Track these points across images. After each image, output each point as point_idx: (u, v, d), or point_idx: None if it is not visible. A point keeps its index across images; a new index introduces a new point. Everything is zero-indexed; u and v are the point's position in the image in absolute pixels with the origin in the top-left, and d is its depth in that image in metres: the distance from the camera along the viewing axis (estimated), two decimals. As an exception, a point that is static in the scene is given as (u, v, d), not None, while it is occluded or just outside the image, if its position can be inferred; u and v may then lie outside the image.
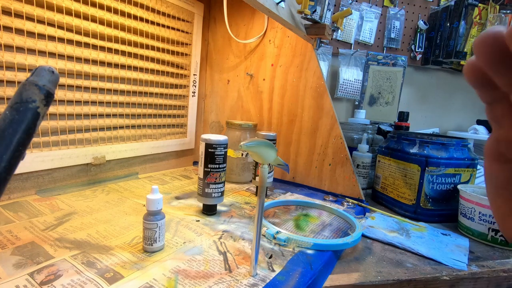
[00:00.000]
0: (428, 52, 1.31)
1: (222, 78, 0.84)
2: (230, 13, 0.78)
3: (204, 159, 0.47)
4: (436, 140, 0.60)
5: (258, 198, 0.32)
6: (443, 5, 1.26)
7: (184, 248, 0.37)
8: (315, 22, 0.60)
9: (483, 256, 0.45)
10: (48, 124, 0.52)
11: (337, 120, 0.66)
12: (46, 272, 0.30)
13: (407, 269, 0.38)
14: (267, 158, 0.32)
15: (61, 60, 0.52)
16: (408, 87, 1.37)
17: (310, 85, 0.69)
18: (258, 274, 0.33)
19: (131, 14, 0.61)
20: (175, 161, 0.81)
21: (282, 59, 0.73)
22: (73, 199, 0.52)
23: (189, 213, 0.50)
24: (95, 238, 0.38)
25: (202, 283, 0.31)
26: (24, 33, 0.47)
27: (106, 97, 0.60)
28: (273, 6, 0.48)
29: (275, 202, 0.57)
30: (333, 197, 0.64)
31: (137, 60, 0.65)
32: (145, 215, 0.36)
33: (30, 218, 0.43)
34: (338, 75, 1.23)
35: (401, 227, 0.52)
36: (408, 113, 1.04)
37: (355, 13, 1.19)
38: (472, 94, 1.51)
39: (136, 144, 0.68)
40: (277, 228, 0.43)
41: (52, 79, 0.28)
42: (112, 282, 0.29)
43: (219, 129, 0.87)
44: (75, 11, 0.52)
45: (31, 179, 0.51)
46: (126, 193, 0.57)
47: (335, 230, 0.48)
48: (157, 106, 0.72)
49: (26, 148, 0.26)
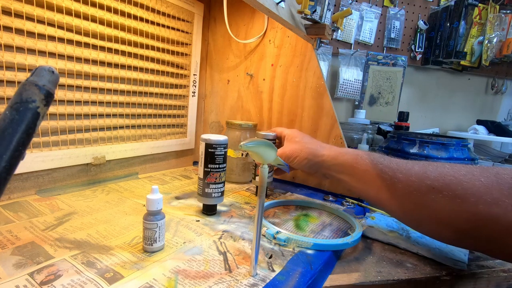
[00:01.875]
0: (428, 52, 1.31)
1: (222, 78, 0.84)
2: (230, 13, 0.78)
3: (204, 159, 0.47)
4: (436, 140, 0.60)
5: (258, 198, 0.32)
6: (443, 5, 1.26)
7: (184, 248, 0.37)
8: (315, 22, 0.60)
9: (483, 256, 0.45)
10: (48, 124, 0.52)
11: (337, 120, 0.66)
12: (46, 272, 0.30)
13: (407, 269, 0.38)
14: (267, 158, 0.32)
15: (61, 60, 0.52)
16: (408, 87, 1.37)
17: (310, 85, 0.69)
18: (258, 274, 0.33)
19: (131, 14, 0.61)
20: (175, 161, 0.81)
21: (282, 59, 0.73)
22: (73, 199, 0.52)
23: (189, 213, 0.50)
24: (95, 238, 0.38)
25: (202, 283, 0.31)
26: (24, 33, 0.47)
27: (106, 97, 0.60)
28: (273, 6, 0.48)
29: (275, 202, 0.57)
30: (333, 197, 0.64)
31: (137, 60, 0.65)
32: (145, 215, 0.36)
33: (30, 218, 0.43)
34: (338, 75, 1.23)
35: (401, 227, 0.52)
36: (408, 113, 1.04)
37: (355, 13, 1.19)
38: (472, 94, 1.52)
39: (136, 144, 0.68)
40: (277, 228, 0.43)
41: (52, 79, 0.28)
42: (112, 282, 0.29)
43: (219, 129, 0.87)
44: (75, 11, 0.52)
45: (31, 179, 0.51)
46: (126, 193, 0.57)
47: (335, 230, 0.48)
48: (157, 106, 0.72)
49: (26, 148, 0.26)
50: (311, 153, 0.49)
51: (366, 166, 0.42)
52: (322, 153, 0.48)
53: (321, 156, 0.48)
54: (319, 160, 0.48)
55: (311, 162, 0.49)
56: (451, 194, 0.32)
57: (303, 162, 0.49)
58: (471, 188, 0.31)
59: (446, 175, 0.34)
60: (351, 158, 0.44)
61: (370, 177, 0.41)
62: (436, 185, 0.34)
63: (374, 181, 0.40)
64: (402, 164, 0.39)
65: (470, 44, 1.34)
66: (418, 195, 0.35)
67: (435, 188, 0.34)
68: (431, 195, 0.34)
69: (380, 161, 0.41)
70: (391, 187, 0.38)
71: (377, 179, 0.40)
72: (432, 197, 0.34)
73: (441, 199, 0.33)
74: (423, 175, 0.36)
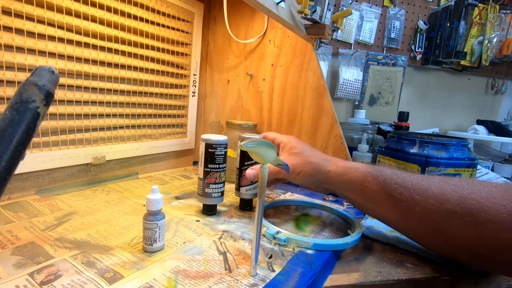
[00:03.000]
0: (428, 52, 1.31)
1: (222, 78, 0.84)
2: (230, 13, 0.78)
3: (204, 159, 0.47)
4: (436, 140, 0.60)
5: (258, 198, 0.32)
6: (443, 5, 1.26)
7: (184, 248, 0.37)
8: (315, 22, 0.60)
9: (483, 256, 0.45)
10: (48, 124, 0.52)
11: (337, 120, 0.66)
12: (46, 272, 0.30)
13: (407, 269, 0.38)
14: (267, 158, 0.32)
15: (61, 60, 0.52)
16: (408, 87, 1.37)
17: (310, 85, 0.69)
18: (258, 274, 0.33)
19: (131, 14, 0.61)
20: (175, 161, 0.81)
21: (282, 59, 0.73)
22: (73, 199, 0.52)
23: (189, 213, 0.50)
24: (95, 238, 0.38)
25: (202, 283, 0.31)
26: (24, 33, 0.47)
27: (106, 97, 0.60)
28: (273, 6, 0.48)
29: (275, 202, 0.57)
30: (333, 197, 0.64)
31: (137, 60, 0.65)
32: (145, 215, 0.36)
33: (30, 218, 0.43)
34: (338, 75, 1.23)
35: (401, 227, 0.52)
36: (408, 113, 1.04)
37: (355, 13, 1.19)
38: (472, 94, 1.52)
39: (136, 144, 0.68)
40: (277, 228, 0.43)
41: (52, 79, 0.28)
42: (112, 282, 0.29)
43: (219, 129, 0.87)
44: (75, 11, 0.52)
45: (31, 179, 0.51)
46: (126, 193, 0.57)
47: (335, 230, 0.48)
48: (157, 106, 0.72)
49: (26, 148, 0.26)
50: (315, 169, 0.44)
51: (378, 186, 0.39)
52: (327, 169, 0.44)
53: (326, 173, 0.44)
54: (324, 177, 0.45)
55: (315, 179, 0.45)
56: (473, 221, 0.31)
57: (307, 179, 0.45)
58: (494, 215, 0.30)
59: (467, 198, 0.32)
60: (360, 176, 0.41)
61: (381, 197, 0.38)
62: (458, 210, 0.32)
63: (385, 202, 0.38)
64: (417, 183, 0.36)
65: (470, 44, 1.34)
66: (437, 219, 0.34)
67: (456, 214, 0.32)
68: (451, 220, 0.32)
69: (394, 180, 0.38)
70: (406, 210, 0.36)
71: (389, 200, 0.38)
72: (451, 222, 0.32)
73: (461, 225, 0.32)
74: (441, 197, 0.34)
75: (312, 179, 0.45)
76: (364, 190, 0.40)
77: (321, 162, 0.45)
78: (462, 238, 0.33)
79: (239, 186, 0.52)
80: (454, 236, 0.33)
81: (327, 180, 0.45)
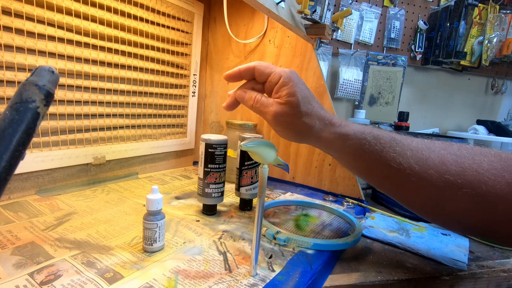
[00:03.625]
0: (428, 52, 1.31)
1: (222, 78, 0.84)
2: (230, 13, 0.78)
3: (204, 159, 0.47)
4: (436, 140, 0.60)
5: (258, 198, 0.32)
6: (443, 5, 1.26)
7: (184, 248, 0.37)
8: (315, 22, 0.60)
9: (483, 256, 0.45)
10: (48, 124, 0.52)
11: (337, 120, 0.65)
12: (46, 272, 0.30)
13: (407, 269, 0.38)
14: (267, 158, 0.32)
15: (61, 60, 0.52)
16: (408, 87, 1.36)
17: (310, 85, 0.69)
18: (258, 274, 0.33)
19: (131, 14, 0.61)
20: (175, 161, 0.81)
21: (282, 59, 0.73)
22: (73, 199, 0.52)
23: (189, 213, 0.50)
24: (95, 238, 0.38)
25: (202, 283, 0.31)
26: (24, 33, 0.47)
27: (106, 97, 0.60)
28: (273, 6, 0.48)
29: (275, 202, 0.57)
30: (333, 197, 0.64)
31: (137, 60, 0.65)
32: (145, 215, 0.36)
33: (30, 218, 0.43)
34: (338, 75, 1.23)
35: (401, 227, 0.52)
36: (408, 113, 1.04)
37: (355, 13, 1.19)
38: (472, 94, 1.52)
39: (136, 144, 0.68)
40: (277, 228, 0.43)
41: (52, 79, 0.28)
42: (112, 282, 0.29)
43: (219, 129, 0.87)
44: (75, 11, 0.52)
45: (31, 179, 0.51)
46: (126, 193, 0.57)
47: (335, 230, 0.48)
48: (157, 106, 0.72)
49: (26, 148, 0.26)
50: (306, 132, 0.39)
51: (375, 155, 0.36)
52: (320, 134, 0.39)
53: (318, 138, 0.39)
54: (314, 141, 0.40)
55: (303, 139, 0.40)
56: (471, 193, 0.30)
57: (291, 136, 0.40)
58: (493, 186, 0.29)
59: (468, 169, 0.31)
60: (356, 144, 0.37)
61: (377, 166, 0.36)
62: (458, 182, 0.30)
63: (382, 170, 0.36)
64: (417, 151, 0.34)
65: (470, 44, 1.34)
66: (434, 190, 0.32)
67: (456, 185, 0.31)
68: (449, 191, 0.31)
69: (393, 148, 0.35)
70: (402, 179, 0.34)
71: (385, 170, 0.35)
72: (449, 194, 0.31)
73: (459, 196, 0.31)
74: (441, 168, 0.32)
75: (298, 137, 0.40)
76: (358, 158, 0.37)
77: (315, 125, 0.38)
78: (458, 210, 0.32)
79: (239, 186, 0.52)
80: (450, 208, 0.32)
81: (316, 144, 0.40)
